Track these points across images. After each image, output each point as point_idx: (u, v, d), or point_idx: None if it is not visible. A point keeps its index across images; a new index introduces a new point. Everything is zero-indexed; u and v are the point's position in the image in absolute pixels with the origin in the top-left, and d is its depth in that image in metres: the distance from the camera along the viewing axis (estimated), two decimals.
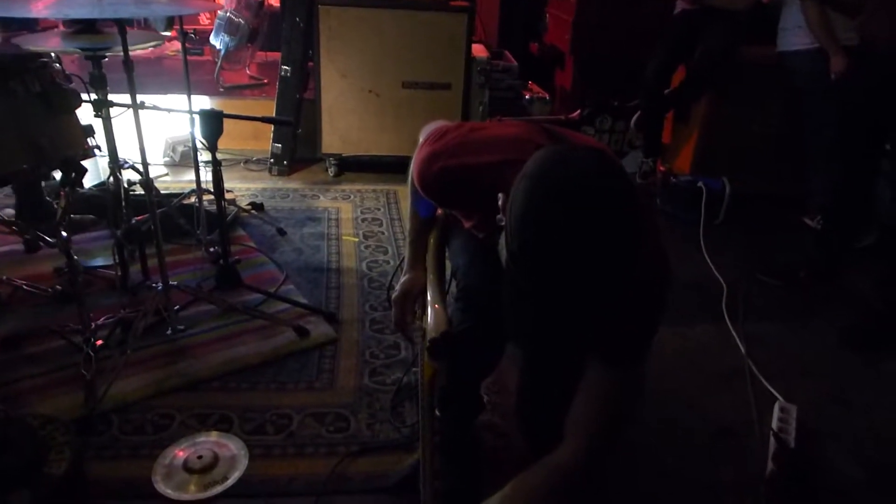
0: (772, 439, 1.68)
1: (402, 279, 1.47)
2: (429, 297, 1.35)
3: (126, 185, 2.08)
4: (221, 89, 3.80)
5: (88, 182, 2.69)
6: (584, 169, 0.86)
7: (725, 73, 3.18)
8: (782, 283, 2.57)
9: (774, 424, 1.75)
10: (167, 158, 3.45)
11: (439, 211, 1.49)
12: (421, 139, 1.29)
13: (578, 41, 3.90)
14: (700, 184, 3.10)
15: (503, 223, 0.91)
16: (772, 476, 1.59)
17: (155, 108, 1.96)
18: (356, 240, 2.72)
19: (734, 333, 2.22)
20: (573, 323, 0.90)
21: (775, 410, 1.81)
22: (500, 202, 0.96)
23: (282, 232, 2.72)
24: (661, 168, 3.57)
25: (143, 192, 1.94)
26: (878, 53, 2.13)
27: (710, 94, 3.30)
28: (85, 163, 1.92)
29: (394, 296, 1.46)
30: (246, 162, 3.50)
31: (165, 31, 2.46)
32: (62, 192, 1.72)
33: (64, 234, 1.75)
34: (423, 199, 1.40)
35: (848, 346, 2.21)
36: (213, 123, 1.94)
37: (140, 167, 1.96)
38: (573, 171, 0.85)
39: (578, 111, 3.77)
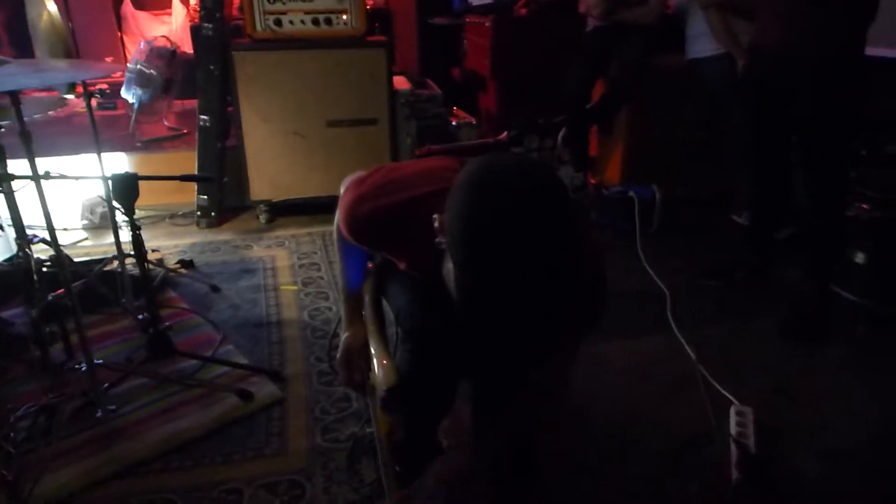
0: (732, 446, 1.69)
1: (343, 338, 1.41)
2: (373, 352, 1.29)
3: (38, 262, 1.94)
4: (139, 144, 3.63)
5: None
6: (513, 165, 0.90)
7: (642, 84, 3.27)
8: (722, 284, 2.63)
9: (733, 430, 1.75)
10: (85, 221, 3.26)
11: (370, 265, 1.45)
12: (342, 191, 1.26)
13: (498, 64, 3.95)
14: (631, 193, 3.16)
15: (443, 245, 0.91)
16: (738, 484, 1.59)
17: (62, 176, 1.84)
18: (295, 288, 2.63)
19: (682, 340, 2.24)
20: (527, 321, 0.92)
21: (732, 415, 1.83)
22: (436, 224, 0.95)
23: (215, 289, 2.60)
24: (592, 181, 3.64)
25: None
26: (765, 55, 2.23)
27: (630, 105, 3.39)
28: None
29: (337, 357, 1.39)
30: (171, 217, 3.35)
31: (68, 93, 2.33)
32: None
33: None
34: (353, 249, 1.36)
35: (788, 338, 2.26)
36: (128, 187, 1.83)
37: (51, 241, 1.82)
38: (504, 168, 0.89)
39: (506, 132, 3.80)
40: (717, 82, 2.99)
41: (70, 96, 2.60)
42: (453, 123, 4.01)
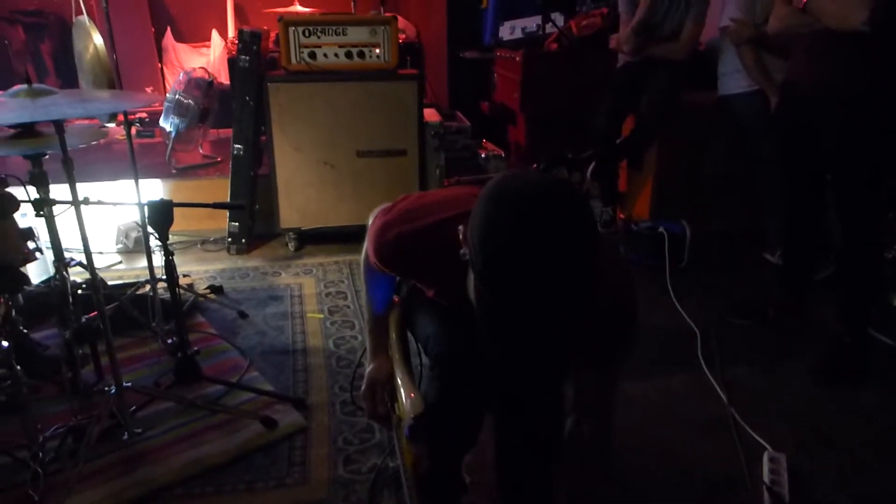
0: (766, 494, 1.63)
1: (367, 370, 1.40)
2: (399, 383, 1.29)
3: (74, 284, 1.98)
4: (174, 171, 3.73)
5: (36, 278, 2.58)
6: (534, 179, 0.92)
7: (671, 119, 3.27)
8: (753, 323, 2.57)
9: (766, 477, 1.69)
10: (120, 245, 3.34)
11: (395, 298, 1.46)
12: (370, 221, 1.28)
13: (527, 98, 3.98)
14: (661, 229, 3.13)
15: (467, 256, 0.92)
16: None
17: (100, 202, 1.89)
18: (321, 316, 2.64)
19: (713, 381, 2.19)
20: (546, 334, 0.91)
21: (765, 461, 1.76)
22: (460, 236, 0.97)
23: (243, 315, 2.63)
24: (621, 216, 3.62)
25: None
26: (798, 93, 2.22)
27: (659, 141, 3.38)
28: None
29: (362, 389, 1.39)
30: (203, 243, 3.41)
31: (109, 122, 2.41)
32: (0, 300, 1.63)
33: (5, 343, 1.65)
34: (380, 279, 1.37)
35: (822, 382, 2.19)
36: (163, 213, 1.88)
37: (87, 265, 1.87)
38: (525, 181, 0.91)
39: (534, 166, 3.81)
40: (749, 119, 2.97)
41: (111, 125, 2.69)
42: (482, 156, 4.04)
